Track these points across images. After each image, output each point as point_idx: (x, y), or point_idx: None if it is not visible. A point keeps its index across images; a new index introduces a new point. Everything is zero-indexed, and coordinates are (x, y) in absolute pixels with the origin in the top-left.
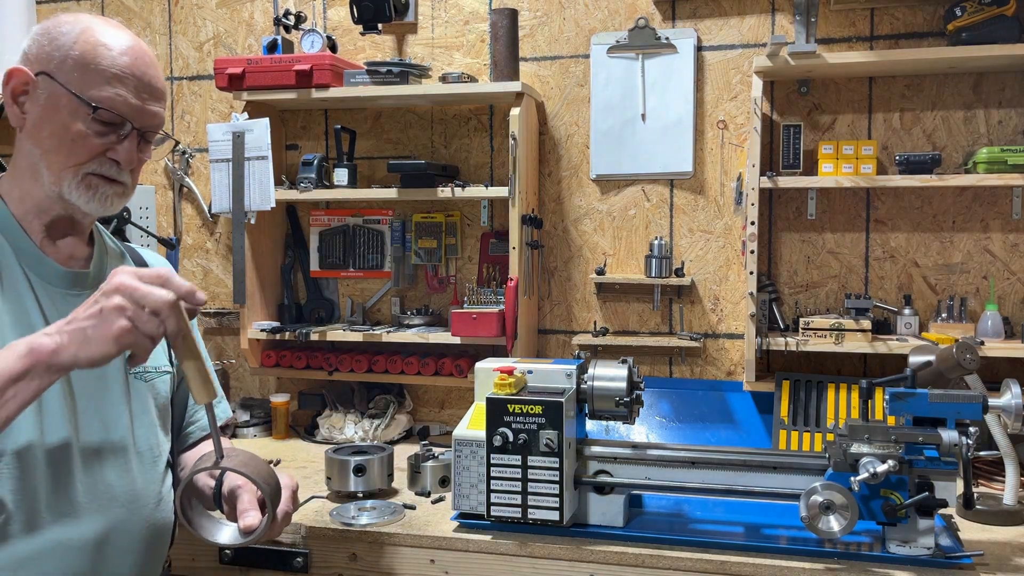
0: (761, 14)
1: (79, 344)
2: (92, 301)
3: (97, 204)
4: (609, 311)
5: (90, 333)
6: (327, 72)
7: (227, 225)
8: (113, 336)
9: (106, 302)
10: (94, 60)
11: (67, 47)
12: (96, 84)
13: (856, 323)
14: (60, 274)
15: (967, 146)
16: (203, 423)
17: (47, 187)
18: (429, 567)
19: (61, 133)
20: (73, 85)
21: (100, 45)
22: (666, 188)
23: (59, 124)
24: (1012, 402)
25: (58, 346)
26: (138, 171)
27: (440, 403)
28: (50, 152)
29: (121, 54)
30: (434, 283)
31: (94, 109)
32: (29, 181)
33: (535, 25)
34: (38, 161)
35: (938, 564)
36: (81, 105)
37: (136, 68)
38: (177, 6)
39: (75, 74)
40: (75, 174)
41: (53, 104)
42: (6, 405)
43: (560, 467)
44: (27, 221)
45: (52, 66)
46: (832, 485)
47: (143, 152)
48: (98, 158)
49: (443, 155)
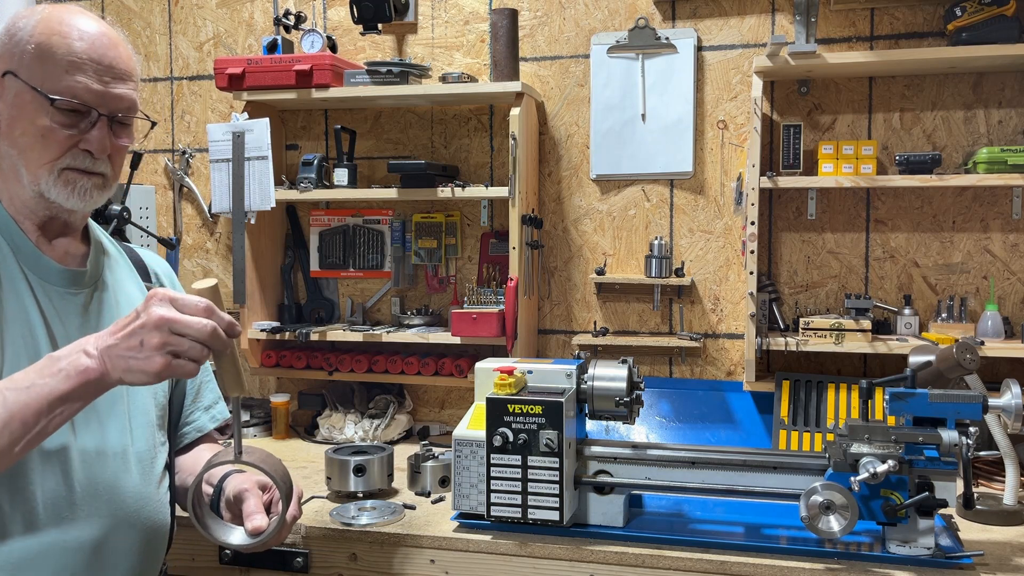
0: (761, 14)
1: (123, 372)
2: (131, 327)
3: (77, 199)
4: (609, 311)
5: (133, 364)
6: (327, 72)
7: (227, 225)
8: (156, 371)
9: (147, 336)
10: (50, 51)
11: (25, 42)
12: (55, 75)
13: (856, 323)
14: (58, 272)
15: (967, 146)
16: (199, 424)
17: (28, 187)
18: (429, 567)
19: (31, 131)
20: (35, 80)
21: (55, 34)
22: (666, 188)
23: (27, 122)
24: (1012, 402)
25: (104, 372)
26: (119, 159)
27: (440, 403)
28: (25, 151)
29: (77, 39)
30: (434, 283)
31: (51, 101)
32: (14, 183)
33: (535, 25)
34: (16, 162)
35: (938, 564)
36: (42, 99)
37: (94, 51)
38: (177, 6)
39: (35, 68)
40: (50, 171)
41: (20, 102)
42: (52, 422)
43: (560, 467)
44: (20, 221)
45: (15, 64)
46: (832, 485)
47: (120, 138)
48: (71, 151)
49: (443, 155)
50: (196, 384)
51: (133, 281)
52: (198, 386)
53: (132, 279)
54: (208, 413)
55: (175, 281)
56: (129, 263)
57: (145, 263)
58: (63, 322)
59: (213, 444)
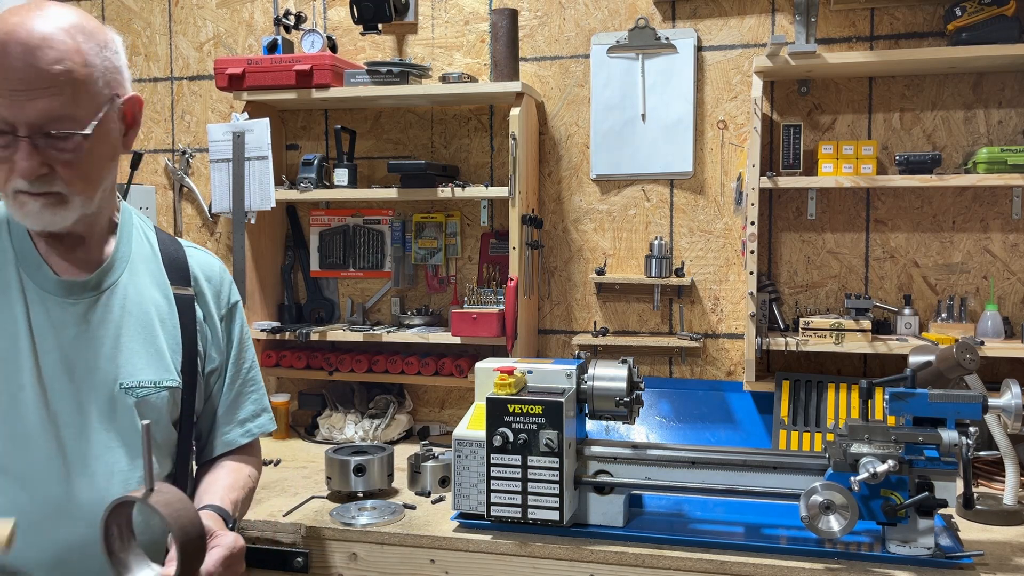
0: (761, 14)
1: None
2: None
3: (33, 221)
4: (609, 311)
5: None
6: (327, 72)
7: (227, 225)
8: None
9: None
10: None
11: None
12: None
13: (856, 323)
14: (55, 282)
15: (967, 146)
16: (230, 438)
17: None
18: (429, 567)
19: None
20: None
21: None
22: (666, 188)
23: None
24: (1012, 402)
25: None
26: (77, 172)
27: (440, 403)
28: None
29: None
30: (434, 283)
31: None
32: None
33: (535, 25)
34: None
35: (938, 564)
36: None
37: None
38: (177, 6)
39: None
40: (7, 195)
41: None
42: None
43: (560, 467)
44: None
45: None
46: (832, 485)
47: (63, 152)
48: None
49: (443, 155)
50: (232, 395)
51: (155, 284)
52: (234, 396)
53: (155, 282)
54: (243, 427)
55: (222, 284)
56: (160, 264)
57: (189, 264)
58: (57, 332)
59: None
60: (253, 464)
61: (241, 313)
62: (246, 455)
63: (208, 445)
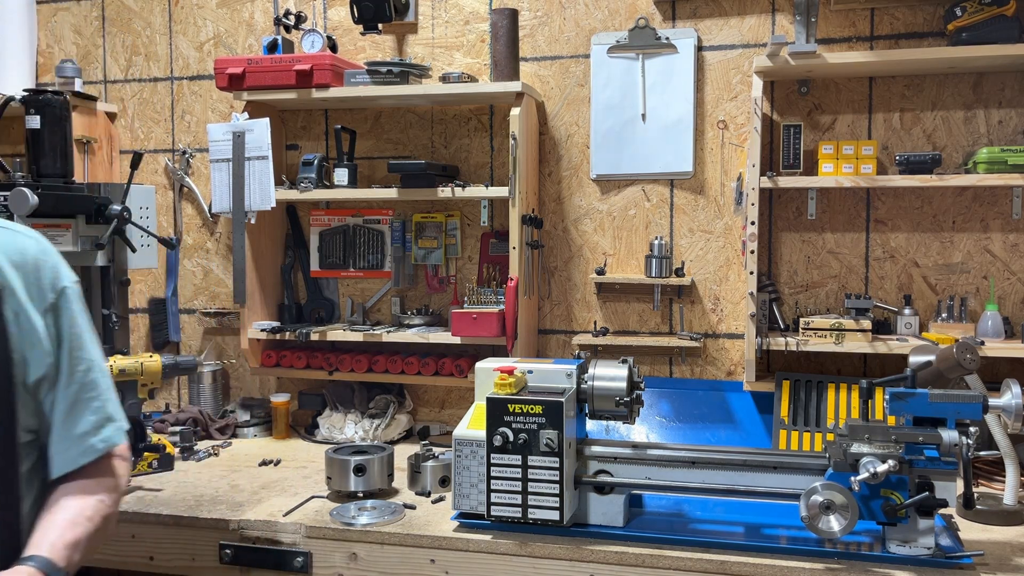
0: (761, 14)
1: None
2: None
3: None
4: (609, 311)
5: None
6: (327, 72)
7: (227, 225)
8: None
9: None
10: None
11: None
12: None
13: (856, 323)
14: None
15: (967, 146)
16: (68, 456)
17: None
18: (429, 567)
19: None
20: None
21: None
22: (666, 188)
23: None
24: (1012, 402)
25: None
26: None
27: (440, 403)
28: None
29: None
30: (434, 283)
31: None
32: None
33: (535, 25)
34: None
35: (938, 564)
36: None
37: None
38: (177, 6)
39: None
40: None
41: None
42: None
43: (560, 467)
44: None
45: None
46: (832, 485)
47: None
48: None
49: (443, 155)
50: (66, 405)
51: None
52: (69, 407)
53: None
54: (83, 444)
55: (39, 271)
56: None
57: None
58: None
59: (82, 489)
60: (105, 488)
61: (73, 301)
62: (93, 478)
63: (46, 469)
